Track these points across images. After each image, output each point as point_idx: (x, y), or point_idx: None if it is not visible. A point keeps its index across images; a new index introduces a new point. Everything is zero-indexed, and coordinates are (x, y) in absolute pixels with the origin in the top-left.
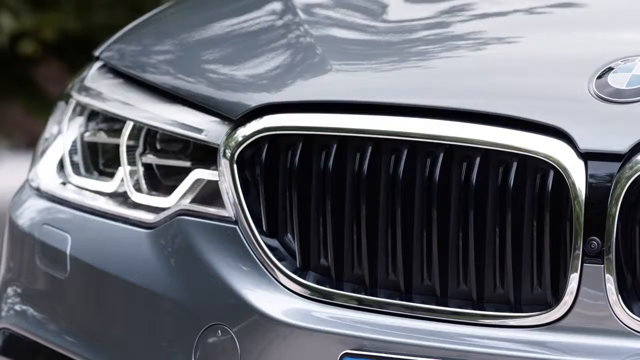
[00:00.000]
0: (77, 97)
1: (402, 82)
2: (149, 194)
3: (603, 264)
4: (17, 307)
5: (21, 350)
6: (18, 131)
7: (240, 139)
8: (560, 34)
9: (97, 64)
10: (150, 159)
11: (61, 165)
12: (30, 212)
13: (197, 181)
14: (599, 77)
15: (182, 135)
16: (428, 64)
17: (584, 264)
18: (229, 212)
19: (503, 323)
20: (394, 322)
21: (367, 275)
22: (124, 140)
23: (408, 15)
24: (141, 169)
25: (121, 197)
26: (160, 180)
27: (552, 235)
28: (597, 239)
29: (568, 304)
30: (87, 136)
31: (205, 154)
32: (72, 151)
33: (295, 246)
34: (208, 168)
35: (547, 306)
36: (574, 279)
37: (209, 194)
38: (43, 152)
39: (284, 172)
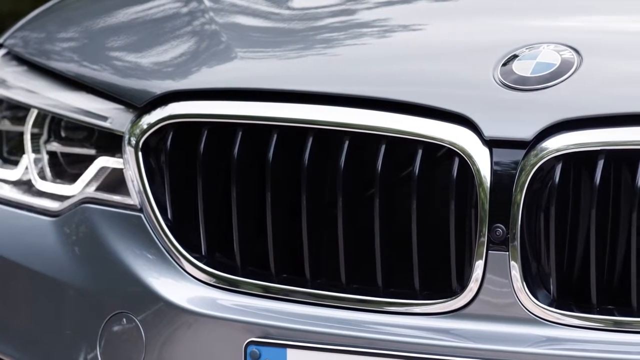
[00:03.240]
0: None
1: (307, 69)
2: (53, 182)
3: (508, 251)
4: None
5: None
6: None
7: (145, 126)
8: (465, 21)
9: (1, 52)
10: (55, 146)
11: None
12: None
13: (102, 169)
14: (504, 64)
15: (86, 123)
16: (333, 52)
17: (489, 252)
18: (133, 200)
19: (408, 310)
20: (299, 310)
21: (273, 262)
22: (28, 128)
23: (313, 2)
24: (46, 157)
25: (25, 185)
26: (65, 169)
27: (458, 223)
28: (502, 227)
29: (473, 292)
30: None
31: (110, 142)
32: None
33: (201, 234)
34: (113, 156)
35: (453, 294)
36: (479, 266)
37: (114, 181)
38: None
39: (189, 160)
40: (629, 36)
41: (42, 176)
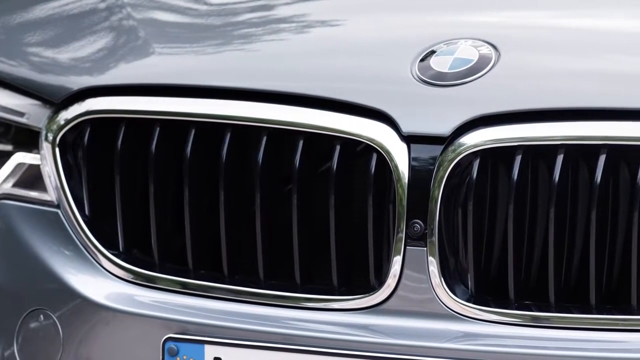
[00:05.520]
0: None
1: (225, 65)
2: None
3: (426, 247)
4: None
5: None
6: None
7: (62, 122)
8: (383, 17)
9: None
10: None
11: None
12: None
13: (19, 165)
14: (422, 60)
15: (2, 118)
16: (251, 47)
17: (407, 247)
18: (51, 196)
19: (326, 306)
20: (217, 306)
21: (191, 259)
22: None
23: None
24: None
25: None
26: None
27: (376, 218)
28: (420, 222)
29: (391, 287)
30: None
31: (27, 138)
32: None
33: (118, 230)
34: (30, 152)
35: (371, 289)
36: (397, 262)
37: (31, 178)
38: None
39: (107, 156)
40: (546, 31)
41: None
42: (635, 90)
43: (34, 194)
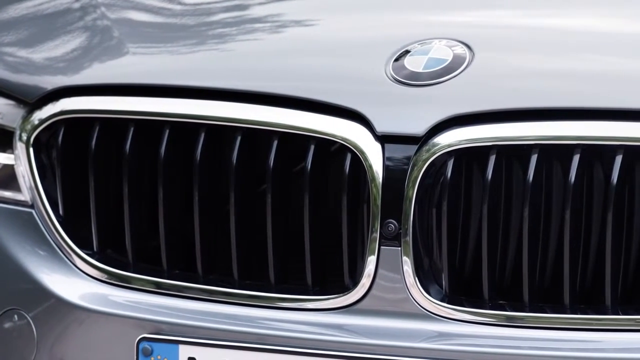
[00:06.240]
0: None
1: (199, 64)
2: None
3: (400, 246)
4: None
5: None
6: None
7: (36, 122)
8: (358, 17)
9: None
10: None
11: None
12: None
13: None
14: (396, 59)
15: None
16: (225, 47)
17: (382, 247)
18: (25, 196)
19: (301, 306)
20: (191, 306)
21: (165, 258)
22: None
23: None
24: None
25: None
26: None
27: (350, 218)
28: (395, 222)
29: (365, 287)
30: None
31: (1, 138)
32: None
33: (93, 230)
34: (4, 152)
35: (346, 289)
36: (371, 261)
37: (5, 177)
38: None
39: (81, 156)
40: (520, 31)
41: None
42: (608, 90)
43: (7, 194)
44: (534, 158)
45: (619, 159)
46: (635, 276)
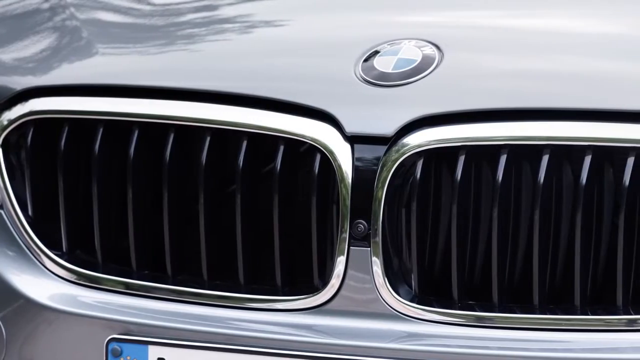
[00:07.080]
0: None
1: (168, 65)
2: None
3: (370, 247)
4: None
5: None
6: None
7: (5, 122)
8: (327, 17)
9: None
10: None
11: None
12: None
13: None
14: (365, 60)
15: None
16: (195, 47)
17: (351, 247)
18: None
19: (270, 307)
20: (161, 307)
21: (134, 259)
22: None
23: None
24: None
25: None
26: None
27: (320, 219)
28: (364, 222)
29: (335, 287)
30: None
31: None
32: None
33: (62, 231)
34: None
35: (315, 290)
36: (340, 262)
37: None
38: None
39: (50, 156)
40: (489, 32)
41: None
42: (577, 90)
43: None
44: (503, 158)
45: (588, 159)
46: (604, 276)
